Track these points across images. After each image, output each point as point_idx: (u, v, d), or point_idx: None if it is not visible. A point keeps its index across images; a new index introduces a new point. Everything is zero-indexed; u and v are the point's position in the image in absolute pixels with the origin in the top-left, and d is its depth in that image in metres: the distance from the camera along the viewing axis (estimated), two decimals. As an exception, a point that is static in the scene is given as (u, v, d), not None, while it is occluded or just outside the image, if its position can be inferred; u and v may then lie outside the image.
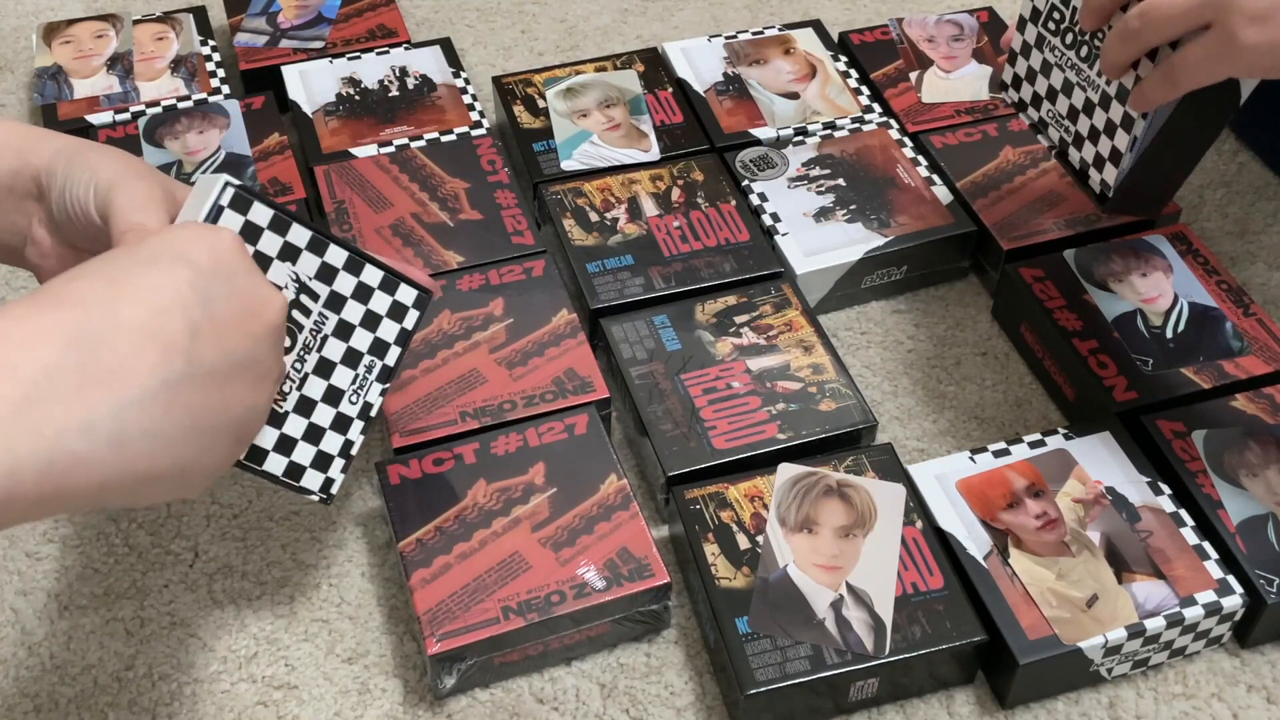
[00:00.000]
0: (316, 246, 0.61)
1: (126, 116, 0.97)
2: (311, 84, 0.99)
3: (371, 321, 0.64)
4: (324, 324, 0.62)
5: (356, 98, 0.98)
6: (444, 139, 0.95)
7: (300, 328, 0.61)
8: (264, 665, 0.70)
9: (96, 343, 0.47)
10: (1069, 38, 0.75)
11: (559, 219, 0.88)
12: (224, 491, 0.77)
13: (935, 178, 0.92)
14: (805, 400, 0.77)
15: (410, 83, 1.00)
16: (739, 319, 0.82)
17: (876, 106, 0.98)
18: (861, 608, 0.66)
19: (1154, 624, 0.66)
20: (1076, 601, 0.67)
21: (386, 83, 0.99)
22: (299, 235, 0.60)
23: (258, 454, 0.61)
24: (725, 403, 0.77)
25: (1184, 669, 0.69)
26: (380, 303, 0.64)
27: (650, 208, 0.89)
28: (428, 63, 1.02)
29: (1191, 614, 0.66)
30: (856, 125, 0.96)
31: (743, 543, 0.69)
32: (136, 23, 1.05)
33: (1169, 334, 0.80)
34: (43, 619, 0.71)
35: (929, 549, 0.69)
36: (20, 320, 0.47)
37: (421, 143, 0.94)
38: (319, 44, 1.04)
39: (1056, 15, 0.75)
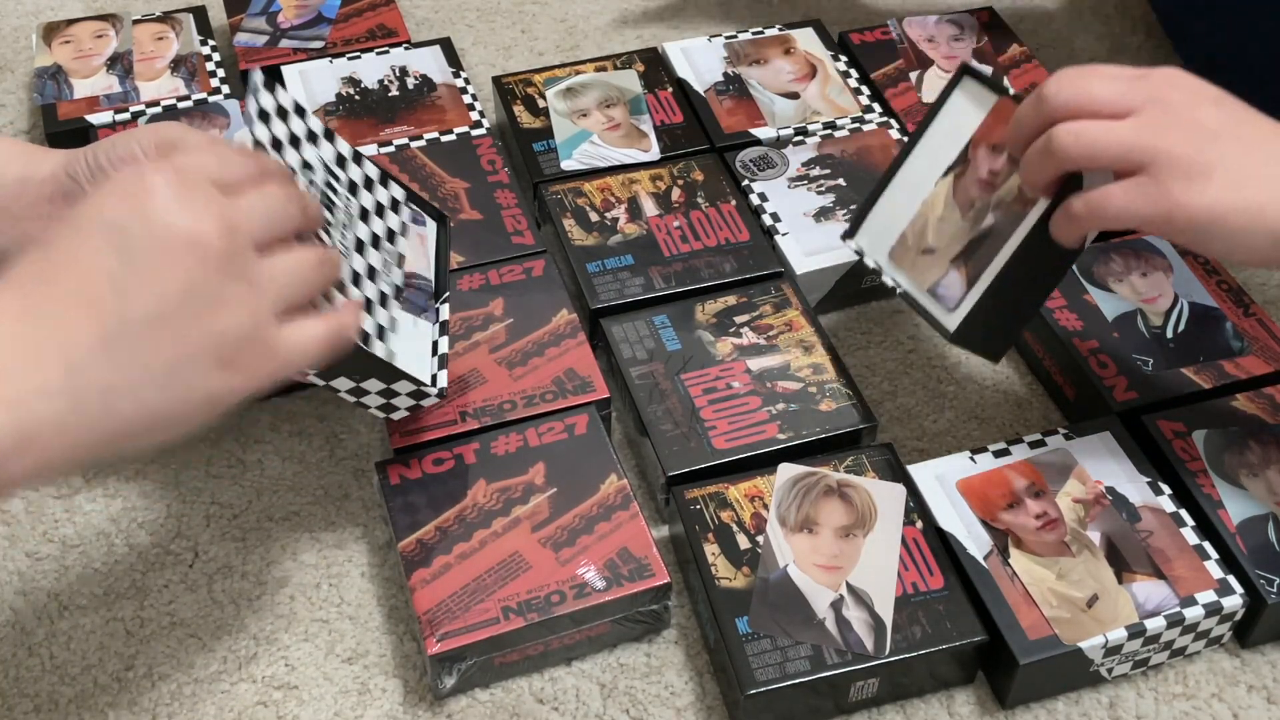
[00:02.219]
0: (330, 137, 0.68)
1: (126, 116, 0.97)
2: (311, 84, 0.99)
3: (380, 210, 0.70)
4: (350, 206, 0.68)
5: (356, 97, 0.98)
6: (444, 139, 0.95)
7: (334, 206, 0.66)
8: (264, 665, 0.70)
9: (38, 315, 0.51)
10: None
11: (559, 219, 0.88)
12: (224, 491, 0.77)
13: (935, 178, 0.92)
14: (805, 400, 0.77)
15: (410, 83, 1.00)
16: (739, 319, 0.82)
17: (876, 106, 0.98)
18: (861, 608, 0.66)
19: (1154, 624, 0.66)
20: (1077, 601, 0.67)
21: (386, 83, 0.99)
22: (316, 125, 0.67)
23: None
24: (725, 403, 0.77)
25: (1184, 669, 0.69)
26: (383, 196, 0.71)
27: (650, 208, 0.89)
28: (428, 63, 1.01)
29: (1192, 614, 0.66)
30: (856, 125, 0.96)
31: (743, 543, 0.69)
32: (136, 22, 1.05)
33: (1169, 334, 0.80)
34: (43, 619, 0.71)
35: (929, 549, 0.69)
36: None
37: (421, 143, 0.94)
38: (319, 44, 1.04)
39: None
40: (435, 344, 0.69)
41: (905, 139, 0.94)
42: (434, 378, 0.68)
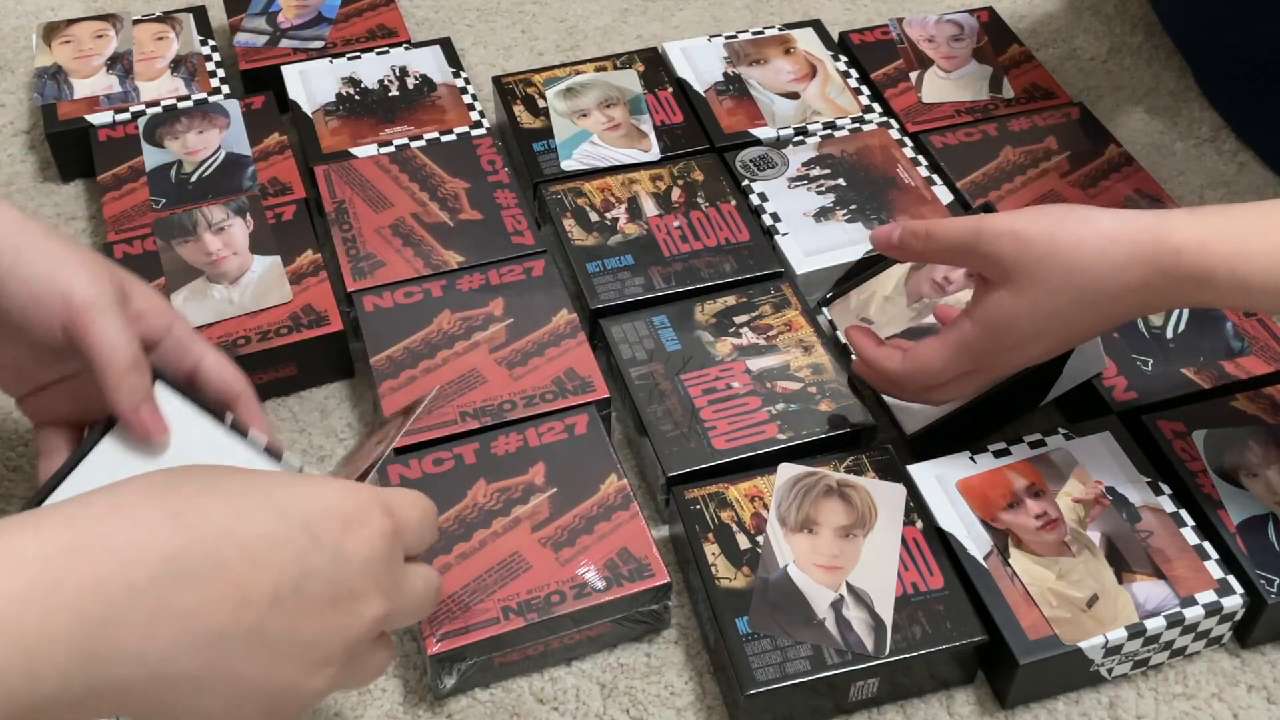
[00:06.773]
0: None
1: (126, 116, 0.97)
2: (311, 84, 0.99)
3: None
4: None
5: (356, 97, 0.98)
6: (444, 139, 0.95)
7: None
8: (264, 665, 0.69)
9: (189, 575, 0.46)
10: None
11: (559, 219, 0.88)
12: (224, 491, 0.77)
13: (935, 178, 0.92)
14: (805, 400, 0.77)
15: (410, 83, 1.00)
16: (739, 319, 0.82)
17: (876, 106, 0.98)
18: (861, 608, 0.66)
19: (1154, 624, 0.66)
20: (1077, 601, 0.67)
21: (386, 83, 0.99)
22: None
23: None
24: (725, 403, 0.77)
25: (1184, 669, 0.69)
26: None
27: (650, 208, 0.89)
28: (428, 63, 1.02)
29: (1192, 614, 0.66)
30: (856, 125, 0.96)
31: (743, 543, 0.69)
32: (136, 22, 1.05)
33: (1169, 334, 0.80)
34: (43, 619, 0.71)
35: (929, 549, 0.69)
36: (129, 524, 0.46)
37: (421, 143, 0.94)
38: (319, 44, 1.04)
39: None
40: None
41: (906, 137, 0.94)
42: None
